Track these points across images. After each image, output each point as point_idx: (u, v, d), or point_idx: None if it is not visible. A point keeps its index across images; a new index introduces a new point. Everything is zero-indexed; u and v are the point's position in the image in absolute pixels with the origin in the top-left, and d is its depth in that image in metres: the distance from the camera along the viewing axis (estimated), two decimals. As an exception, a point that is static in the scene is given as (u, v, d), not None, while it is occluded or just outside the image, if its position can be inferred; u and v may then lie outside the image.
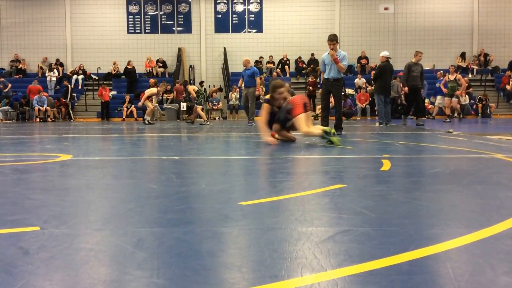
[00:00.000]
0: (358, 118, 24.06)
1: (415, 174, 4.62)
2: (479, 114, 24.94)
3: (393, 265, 1.91)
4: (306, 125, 7.94)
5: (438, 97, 23.68)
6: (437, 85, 22.94)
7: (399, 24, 29.27)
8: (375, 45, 28.83)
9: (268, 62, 28.95)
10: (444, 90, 19.31)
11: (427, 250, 2.10)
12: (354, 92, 26.30)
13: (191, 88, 18.91)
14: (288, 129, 8.29)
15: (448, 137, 9.51)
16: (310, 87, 25.98)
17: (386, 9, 29.26)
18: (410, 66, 15.47)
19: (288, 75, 28.56)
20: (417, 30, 29.12)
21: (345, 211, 2.88)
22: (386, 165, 5.01)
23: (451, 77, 18.95)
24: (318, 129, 7.91)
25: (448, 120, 18.45)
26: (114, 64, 28.58)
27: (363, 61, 28.69)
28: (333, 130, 7.75)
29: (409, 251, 2.08)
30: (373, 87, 19.50)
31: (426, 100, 24.54)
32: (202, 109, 18.96)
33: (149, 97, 18.76)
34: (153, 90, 18.87)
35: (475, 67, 28.72)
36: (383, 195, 3.37)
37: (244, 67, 16.85)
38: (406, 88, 15.57)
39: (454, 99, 19.17)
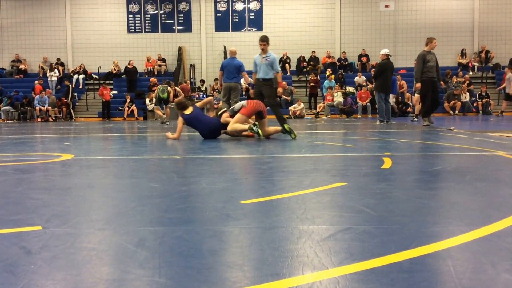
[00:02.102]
0: (358, 116, 24.02)
1: (416, 172, 4.63)
2: (480, 112, 24.85)
3: (394, 263, 1.92)
4: (235, 122, 8.95)
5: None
6: (357, 79, 21.62)
7: (399, 22, 29.23)
8: (375, 42, 28.78)
9: (268, 61, 28.92)
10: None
11: (428, 248, 2.11)
12: (354, 90, 26.27)
13: (156, 89, 18.97)
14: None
15: (449, 135, 9.50)
16: (312, 84, 25.98)
17: (386, 6, 29.22)
18: (425, 56, 13.39)
19: (288, 74, 28.52)
20: (417, 28, 29.06)
21: (346, 209, 2.88)
22: (387, 163, 5.01)
23: None
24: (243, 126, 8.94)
25: (415, 119, 17.51)
26: (114, 63, 28.56)
27: (364, 59, 28.65)
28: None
29: (410, 249, 2.09)
30: (373, 85, 19.20)
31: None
32: (163, 109, 18.98)
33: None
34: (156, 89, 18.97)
35: (476, 64, 28.69)
36: (384, 193, 3.37)
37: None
38: (418, 84, 13.49)
39: (416, 96, 18.16)
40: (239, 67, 13.72)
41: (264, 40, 11.03)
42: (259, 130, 8.63)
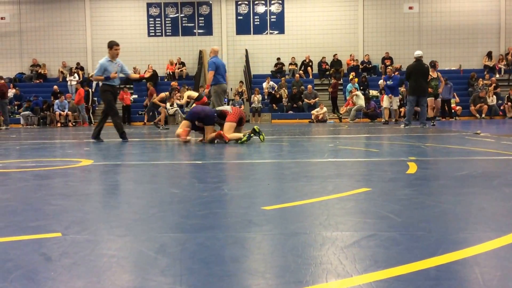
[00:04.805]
0: (382, 120, 23.80)
1: (442, 177, 4.56)
2: (507, 115, 24.44)
3: (420, 270, 1.88)
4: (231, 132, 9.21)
5: (386, 98, 20.86)
6: (381, 82, 21.90)
7: (424, 24, 28.96)
8: (399, 45, 28.61)
9: (290, 64, 28.88)
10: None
11: (454, 254, 2.06)
12: (378, 94, 26.06)
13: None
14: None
15: (475, 139, 9.38)
16: (330, 88, 25.86)
17: (410, 8, 29.00)
18: None
19: (311, 77, 28.44)
20: (442, 30, 28.77)
21: (371, 215, 2.84)
22: (412, 168, 4.95)
23: (433, 75, 16.71)
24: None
25: (433, 123, 16.66)
26: (134, 68, 28.71)
27: (387, 62, 28.40)
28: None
29: (436, 256, 2.04)
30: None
31: (452, 101, 24.14)
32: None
33: (161, 101, 19.42)
34: (162, 94, 19.54)
35: (503, 67, 28.33)
36: (409, 199, 3.33)
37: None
38: None
39: (438, 100, 17.35)
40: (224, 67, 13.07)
41: (118, 44, 10.80)
42: (261, 135, 9.31)
